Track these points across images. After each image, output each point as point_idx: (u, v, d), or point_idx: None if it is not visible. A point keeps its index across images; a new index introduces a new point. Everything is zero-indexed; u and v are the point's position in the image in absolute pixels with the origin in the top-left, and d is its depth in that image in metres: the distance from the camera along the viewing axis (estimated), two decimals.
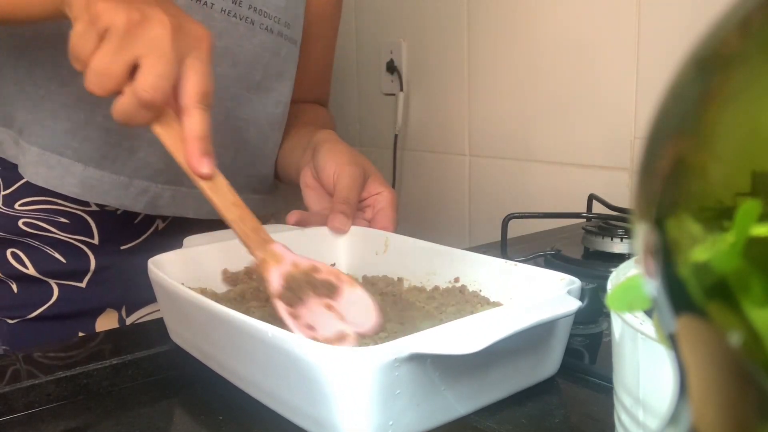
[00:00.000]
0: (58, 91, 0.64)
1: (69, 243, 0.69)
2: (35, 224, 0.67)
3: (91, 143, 0.65)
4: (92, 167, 0.66)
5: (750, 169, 0.11)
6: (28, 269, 0.68)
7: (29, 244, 0.68)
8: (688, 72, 0.13)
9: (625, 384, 0.30)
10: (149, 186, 0.68)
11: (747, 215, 0.11)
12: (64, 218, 0.68)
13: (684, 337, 0.13)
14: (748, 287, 0.11)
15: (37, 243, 0.68)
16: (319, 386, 0.36)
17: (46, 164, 0.65)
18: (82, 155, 0.65)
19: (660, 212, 0.13)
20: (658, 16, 0.85)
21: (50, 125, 0.64)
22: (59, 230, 0.68)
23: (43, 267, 0.68)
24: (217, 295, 0.55)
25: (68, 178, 0.65)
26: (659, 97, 0.13)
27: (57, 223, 0.68)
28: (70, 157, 0.65)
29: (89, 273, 0.70)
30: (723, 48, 0.12)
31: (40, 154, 0.64)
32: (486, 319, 0.39)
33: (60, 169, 0.65)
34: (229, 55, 0.70)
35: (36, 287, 0.69)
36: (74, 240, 0.69)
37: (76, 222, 0.68)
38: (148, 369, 0.49)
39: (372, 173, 0.71)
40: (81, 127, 0.65)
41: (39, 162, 0.65)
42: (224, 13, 0.68)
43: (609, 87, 0.91)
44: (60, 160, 0.65)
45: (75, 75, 0.64)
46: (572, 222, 0.82)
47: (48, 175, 0.65)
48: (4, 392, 0.44)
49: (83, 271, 0.70)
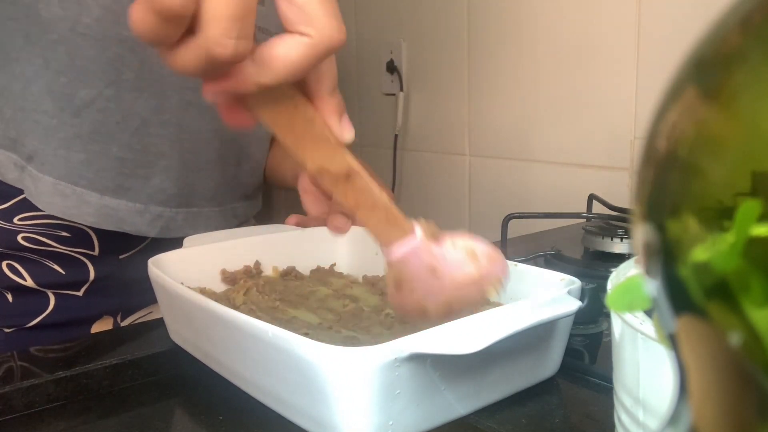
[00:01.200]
0: (71, 122, 0.63)
1: (69, 255, 0.68)
2: (35, 239, 0.66)
3: (107, 173, 0.65)
4: (108, 196, 0.65)
5: (750, 169, 0.11)
6: (26, 281, 0.67)
7: (28, 258, 0.67)
8: (687, 72, 0.13)
9: (625, 384, 0.30)
10: (164, 211, 0.69)
11: (747, 215, 0.11)
12: (65, 232, 0.67)
13: (684, 337, 0.13)
14: (748, 287, 0.11)
15: (35, 256, 0.67)
16: (319, 386, 0.36)
17: (60, 194, 0.64)
18: (97, 185, 0.65)
19: (660, 212, 0.13)
20: (658, 16, 0.85)
21: (63, 155, 0.63)
22: (59, 244, 0.67)
23: (42, 279, 0.68)
24: (217, 295, 0.55)
25: (84, 207, 0.65)
26: (659, 96, 0.13)
27: (57, 237, 0.67)
28: (85, 186, 0.64)
29: (87, 283, 0.70)
30: (723, 47, 0.12)
31: (54, 184, 0.64)
32: (486, 319, 0.39)
33: (75, 198, 0.64)
34: None
35: (33, 298, 0.68)
36: (74, 252, 0.69)
37: (76, 235, 0.68)
38: (148, 369, 0.49)
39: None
40: (96, 158, 0.64)
41: (53, 192, 0.64)
42: None
43: (609, 87, 0.91)
44: (75, 190, 0.64)
45: (88, 106, 0.64)
46: (572, 222, 0.82)
47: (63, 204, 0.64)
48: (4, 392, 0.44)
49: (82, 281, 0.70)
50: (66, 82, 0.62)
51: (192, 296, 0.45)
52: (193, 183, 0.71)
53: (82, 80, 0.62)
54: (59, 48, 0.61)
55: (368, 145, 1.31)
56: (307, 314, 0.51)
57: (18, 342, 0.67)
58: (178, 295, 0.47)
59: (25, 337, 0.67)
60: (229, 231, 0.65)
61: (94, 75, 0.62)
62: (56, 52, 0.61)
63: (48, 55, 0.62)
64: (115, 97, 0.63)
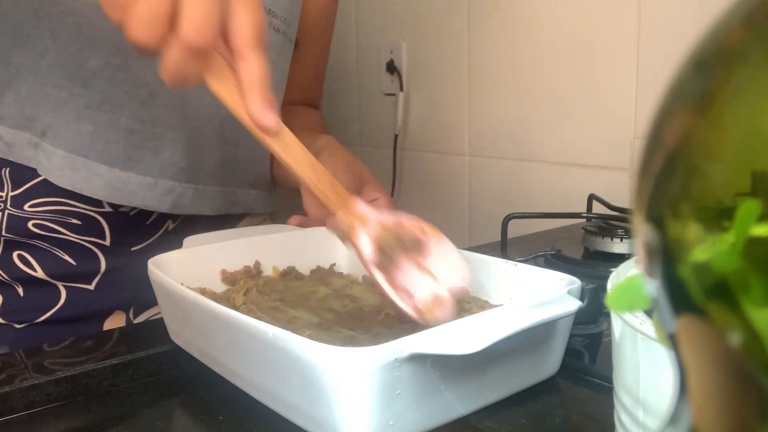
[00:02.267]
0: (81, 93, 0.63)
1: (80, 244, 0.68)
2: (46, 225, 0.66)
3: (116, 145, 0.65)
4: (118, 169, 0.65)
5: (750, 169, 0.11)
6: (36, 272, 0.67)
7: (38, 246, 0.67)
8: (688, 71, 0.13)
9: (625, 384, 0.30)
10: (174, 185, 0.68)
11: (747, 215, 0.11)
12: (76, 219, 0.67)
13: (684, 337, 0.13)
14: (748, 287, 0.11)
15: (45, 245, 0.67)
16: (320, 386, 0.36)
17: (71, 167, 0.64)
18: (107, 157, 0.65)
19: (660, 212, 0.13)
20: (658, 16, 0.85)
21: (74, 127, 0.64)
22: (70, 232, 0.67)
23: (52, 269, 0.67)
24: (217, 295, 0.55)
25: (94, 180, 0.65)
26: (659, 96, 0.13)
27: (68, 224, 0.67)
28: (95, 159, 0.64)
29: (99, 275, 0.69)
30: (723, 47, 0.12)
31: (65, 157, 0.64)
32: (486, 319, 0.39)
33: (85, 171, 0.64)
34: None
35: (43, 290, 0.68)
36: (85, 241, 0.68)
37: (88, 223, 0.68)
38: (148, 369, 0.49)
39: (368, 181, 0.72)
40: (105, 129, 0.64)
41: (64, 165, 0.64)
42: None
43: (609, 87, 0.91)
44: (85, 162, 0.64)
45: (96, 76, 0.64)
46: (572, 222, 0.82)
47: (74, 177, 0.64)
48: (4, 392, 0.44)
49: (93, 273, 0.69)
50: (74, 52, 0.62)
51: (192, 296, 0.45)
52: (198, 159, 0.71)
53: (90, 49, 0.63)
54: (67, 19, 0.62)
55: (368, 145, 1.31)
56: (307, 314, 0.51)
57: (29, 338, 0.67)
58: (178, 296, 0.47)
59: (36, 333, 0.67)
60: (229, 231, 0.65)
61: (101, 44, 0.63)
62: (64, 23, 0.62)
63: (56, 27, 0.62)
64: (122, 66, 0.64)
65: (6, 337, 0.67)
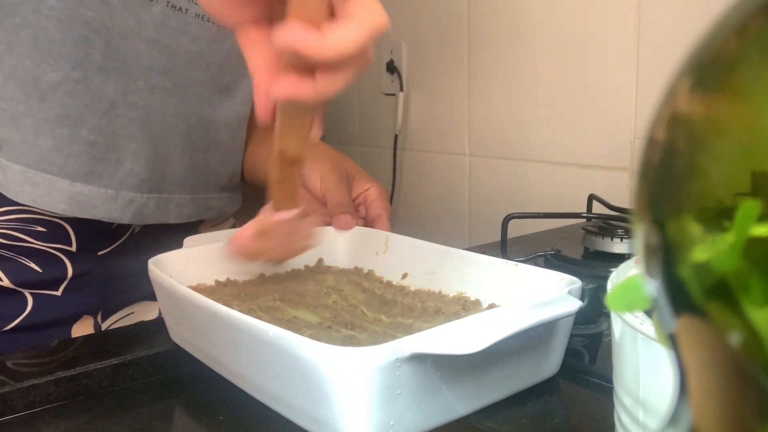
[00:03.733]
0: (39, 107, 0.61)
1: (45, 252, 0.67)
2: (10, 234, 0.64)
3: (77, 158, 0.63)
4: (79, 182, 0.63)
5: (750, 169, 0.11)
6: (2, 281, 0.65)
7: (3, 255, 0.65)
8: (687, 72, 0.13)
9: (625, 384, 0.30)
10: (135, 197, 0.67)
11: (747, 215, 0.11)
12: (41, 227, 0.65)
13: (684, 337, 0.13)
14: (748, 287, 0.11)
15: (10, 254, 0.65)
16: (320, 386, 0.36)
17: (31, 182, 0.62)
18: (68, 171, 0.63)
19: (660, 212, 0.13)
20: (658, 16, 0.85)
21: (32, 141, 0.62)
22: (35, 239, 0.66)
23: (18, 277, 0.66)
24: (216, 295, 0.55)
25: (55, 194, 0.63)
26: (659, 97, 0.13)
27: (33, 232, 0.65)
28: (56, 173, 0.62)
29: (65, 281, 0.68)
30: (723, 48, 0.12)
31: (23, 172, 0.62)
32: (486, 319, 0.39)
33: (46, 186, 0.62)
34: (203, 58, 0.70)
35: (9, 299, 0.66)
36: (51, 248, 0.67)
37: (53, 230, 0.66)
38: (148, 369, 0.49)
39: (356, 173, 0.73)
40: (66, 143, 0.62)
41: (23, 180, 0.62)
42: (198, 18, 0.68)
43: (609, 87, 0.91)
44: (45, 177, 0.62)
45: (55, 89, 0.61)
46: (572, 222, 0.82)
47: (33, 193, 0.62)
48: (4, 392, 0.44)
49: (59, 279, 0.68)
50: (31, 66, 0.61)
51: (192, 296, 0.45)
52: (162, 168, 0.69)
53: (48, 63, 0.61)
54: (23, 31, 0.60)
55: (368, 145, 1.31)
56: (306, 313, 0.51)
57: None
58: (178, 295, 0.47)
59: (4, 342, 0.65)
60: (228, 231, 0.65)
61: (60, 57, 0.61)
62: (20, 36, 0.60)
63: (11, 39, 0.60)
64: (82, 79, 0.62)
65: None
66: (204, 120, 0.73)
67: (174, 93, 0.69)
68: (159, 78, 0.67)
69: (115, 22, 0.63)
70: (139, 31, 0.64)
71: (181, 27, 0.67)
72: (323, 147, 0.76)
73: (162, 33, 0.66)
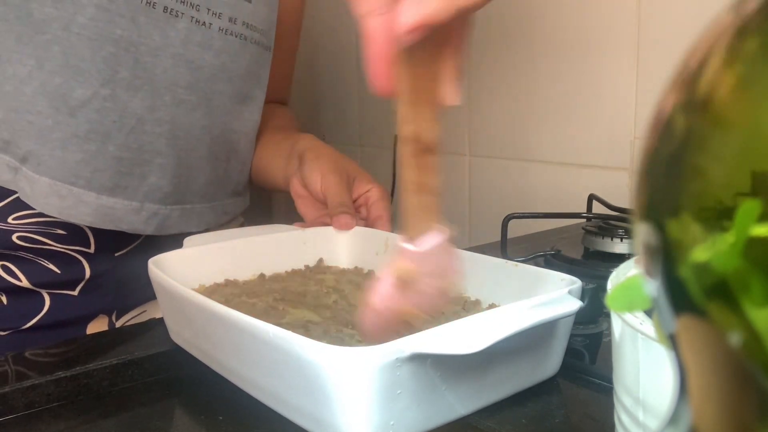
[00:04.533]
0: (67, 122, 0.63)
1: (64, 253, 0.68)
2: (30, 237, 0.66)
3: (104, 173, 0.65)
4: (105, 195, 0.65)
5: (750, 169, 0.11)
6: (21, 282, 0.67)
7: (23, 257, 0.67)
8: (687, 72, 0.13)
9: (625, 384, 0.30)
10: (159, 209, 0.69)
11: (747, 215, 0.11)
12: (60, 230, 0.67)
13: (684, 337, 0.13)
14: (748, 287, 0.11)
15: (31, 256, 0.67)
16: (320, 386, 0.36)
17: (57, 195, 0.64)
18: (94, 185, 0.65)
19: (660, 212, 0.13)
20: (658, 17, 0.85)
21: (60, 155, 0.63)
22: (55, 242, 0.67)
23: (37, 279, 0.67)
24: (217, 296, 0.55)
25: (81, 207, 0.64)
26: (659, 96, 0.13)
27: (53, 234, 0.67)
28: (83, 186, 0.64)
29: (83, 281, 0.70)
30: (722, 48, 0.12)
31: (51, 185, 0.63)
32: (486, 319, 0.39)
33: (72, 198, 0.64)
34: (226, 71, 0.71)
35: (27, 299, 0.67)
36: (70, 250, 0.68)
37: (73, 233, 0.67)
38: (148, 369, 0.49)
39: (357, 174, 0.73)
40: (93, 158, 0.64)
41: (50, 193, 0.63)
42: (222, 32, 0.69)
43: (609, 87, 0.91)
44: (72, 190, 0.64)
45: (84, 106, 0.63)
46: (572, 222, 0.82)
47: (60, 205, 0.64)
48: (4, 392, 0.44)
49: (77, 280, 0.69)
50: (61, 82, 0.62)
51: (192, 296, 0.45)
52: (186, 180, 0.71)
53: (77, 80, 0.62)
54: (53, 48, 0.61)
55: (368, 145, 1.31)
56: (307, 313, 0.51)
57: (14, 345, 0.66)
58: (178, 296, 0.47)
59: (21, 340, 0.67)
60: (228, 231, 0.65)
61: (90, 74, 0.62)
62: (50, 52, 0.61)
63: (41, 56, 0.61)
64: (111, 96, 0.63)
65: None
66: (226, 131, 0.74)
67: (198, 107, 0.70)
68: (184, 93, 0.68)
69: (143, 39, 0.64)
70: (166, 47, 0.65)
71: (206, 42, 0.68)
72: (324, 147, 0.77)
73: (187, 48, 0.67)
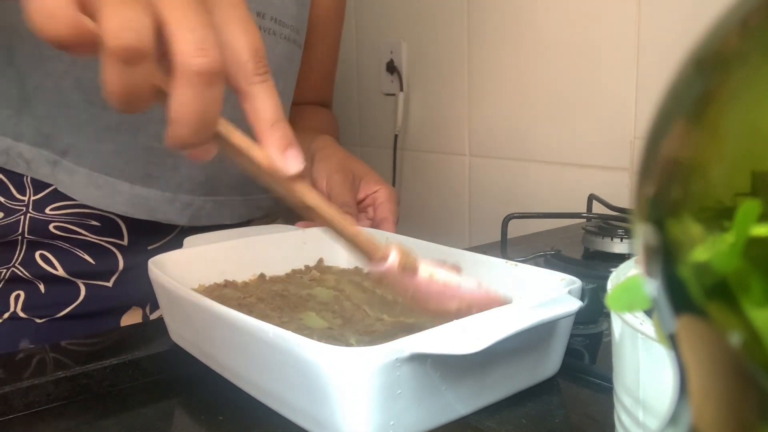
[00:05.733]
0: (100, 115, 0.65)
1: (99, 245, 0.70)
2: (66, 227, 0.68)
3: (136, 163, 0.67)
4: (139, 185, 0.67)
5: (750, 169, 0.11)
6: (57, 270, 0.69)
7: (59, 246, 0.69)
8: (687, 72, 0.13)
9: (625, 384, 0.30)
10: (193, 200, 0.70)
11: (747, 215, 0.11)
12: (95, 221, 0.69)
13: (684, 337, 0.13)
14: (748, 287, 0.11)
15: (66, 245, 0.69)
16: (320, 386, 0.36)
17: (94, 185, 0.66)
18: (128, 175, 0.67)
19: (660, 212, 0.13)
20: (658, 16, 0.85)
21: (95, 147, 0.65)
22: (90, 233, 0.69)
23: (72, 268, 0.69)
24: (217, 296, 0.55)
25: (117, 197, 0.67)
26: (659, 96, 0.13)
27: (88, 226, 0.69)
28: (117, 177, 0.66)
29: (117, 273, 0.71)
30: (723, 48, 0.12)
31: (88, 176, 0.66)
32: (486, 319, 0.39)
33: (108, 188, 0.66)
34: None
35: (63, 287, 0.70)
36: (104, 242, 0.70)
37: (106, 225, 0.69)
38: (148, 369, 0.49)
39: (365, 174, 0.73)
40: (125, 149, 0.66)
41: (88, 183, 0.66)
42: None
43: (609, 87, 0.91)
44: (107, 180, 0.66)
45: None
46: (572, 222, 0.82)
47: (97, 194, 0.66)
48: (4, 392, 0.44)
49: (111, 271, 0.71)
50: (93, 76, 0.63)
51: (192, 296, 0.45)
52: (218, 172, 0.72)
53: None
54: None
55: (368, 145, 1.31)
56: (307, 314, 0.51)
57: (49, 333, 0.69)
58: (178, 296, 0.47)
59: (56, 328, 0.69)
60: (229, 231, 0.65)
61: None
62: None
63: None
64: None
65: (27, 331, 0.69)
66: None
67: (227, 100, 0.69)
68: None
69: None
70: None
71: None
72: (335, 148, 0.77)
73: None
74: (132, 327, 0.62)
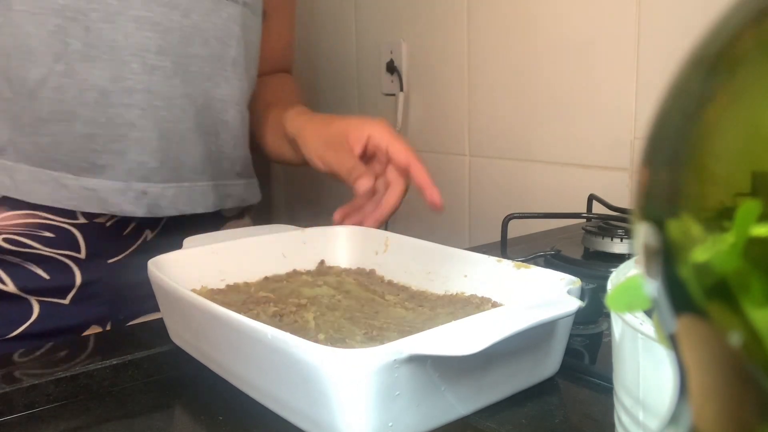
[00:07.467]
0: (30, 106, 0.61)
1: (53, 258, 0.65)
2: (16, 240, 0.63)
3: (78, 153, 0.62)
4: (85, 176, 0.63)
5: (750, 169, 0.11)
6: (7, 286, 0.63)
7: (8, 261, 0.63)
8: (688, 72, 0.13)
9: (625, 384, 0.30)
10: (148, 187, 0.65)
11: (747, 215, 0.11)
12: (48, 232, 0.64)
13: (684, 337, 0.13)
14: (748, 287, 0.11)
15: (17, 260, 0.64)
16: (319, 387, 0.36)
17: (38, 180, 0.62)
18: (71, 166, 0.62)
19: (660, 212, 0.13)
20: (658, 16, 0.85)
21: (32, 141, 0.61)
22: (43, 245, 0.64)
23: (24, 284, 0.64)
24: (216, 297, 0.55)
25: (63, 191, 0.62)
26: (659, 97, 0.13)
27: (41, 237, 0.64)
28: (60, 169, 0.62)
29: (74, 289, 0.66)
30: (723, 48, 0.12)
31: (30, 172, 0.61)
32: (486, 319, 0.39)
33: (53, 183, 0.62)
34: (199, 33, 0.67)
35: (15, 305, 0.64)
36: (59, 255, 0.65)
37: (61, 236, 0.64)
38: (148, 369, 0.49)
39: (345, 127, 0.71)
40: (63, 139, 0.62)
41: (31, 180, 0.62)
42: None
43: (609, 87, 0.91)
44: (51, 175, 0.62)
45: (42, 86, 0.60)
46: (572, 222, 0.82)
47: (42, 191, 0.62)
48: (4, 392, 0.44)
49: (67, 287, 0.66)
50: (17, 64, 0.60)
51: (191, 298, 0.45)
52: (176, 155, 0.67)
53: (30, 60, 0.60)
54: (3, 30, 0.59)
55: None
56: (308, 314, 0.51)
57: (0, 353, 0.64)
58: (178, 297, 0.47)
59: (8, 349, 0.62)
60: (229, 231, 0.65)
61: (40, 52, 0.60)
62: (2, 35, 0.59)
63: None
64: (67, 71, 0.61)
65: None
66: (210, 99, 0.70)
67: (175, 73, 0.66)
68: (156, 58, 0.64)
69: (93, 6, 0.61)
70: (125, 10, 0.62)
71: (171, 1, 0.64)
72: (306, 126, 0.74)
73: (151, 9, 0.63)
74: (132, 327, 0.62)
